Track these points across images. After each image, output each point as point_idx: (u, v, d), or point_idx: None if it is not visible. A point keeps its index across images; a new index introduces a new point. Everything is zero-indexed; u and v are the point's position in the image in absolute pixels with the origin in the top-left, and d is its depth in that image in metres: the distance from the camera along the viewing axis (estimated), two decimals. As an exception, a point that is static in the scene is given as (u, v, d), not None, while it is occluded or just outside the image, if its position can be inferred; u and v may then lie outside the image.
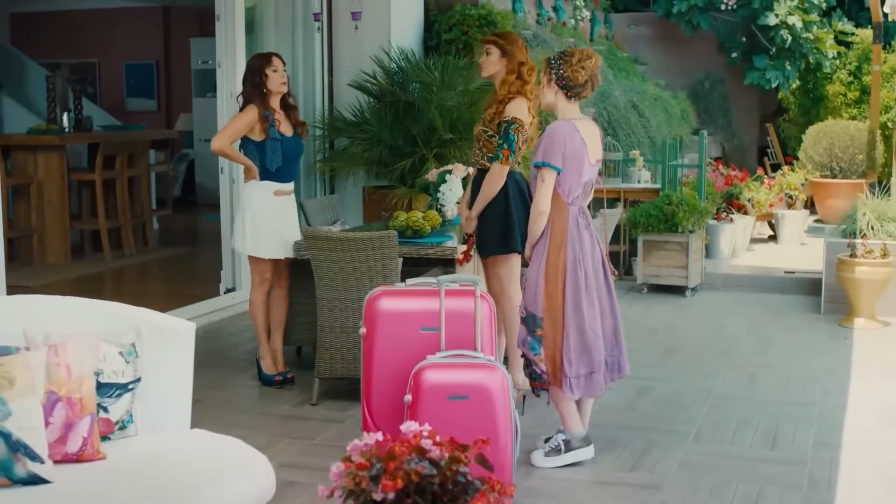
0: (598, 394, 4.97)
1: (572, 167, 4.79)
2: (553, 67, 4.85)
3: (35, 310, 3.72)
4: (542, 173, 4.78)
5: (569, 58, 4.83)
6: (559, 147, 4.75)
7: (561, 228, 4.80)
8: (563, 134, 4.78)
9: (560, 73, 4.82)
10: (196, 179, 16.02)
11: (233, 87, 8.37)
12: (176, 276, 10.16)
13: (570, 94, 4.85)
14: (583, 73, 4.80)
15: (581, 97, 4.89)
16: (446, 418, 4.26)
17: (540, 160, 4.78)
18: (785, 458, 5.07)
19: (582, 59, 4.81)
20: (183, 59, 16.17)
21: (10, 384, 3.25)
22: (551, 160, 4.75)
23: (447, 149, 8.56)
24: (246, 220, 6.20)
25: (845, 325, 7.91)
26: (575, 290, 4.79)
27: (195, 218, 14.35)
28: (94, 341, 3.55)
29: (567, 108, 4.88)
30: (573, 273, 4.79)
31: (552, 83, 4.86)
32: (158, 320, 3.83)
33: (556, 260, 4.79)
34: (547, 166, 4.75)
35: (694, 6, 14.04)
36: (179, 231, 13.13)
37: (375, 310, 4.62)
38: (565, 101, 4.87)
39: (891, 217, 8.32)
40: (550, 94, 4.89)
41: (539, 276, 4.80)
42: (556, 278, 4.78)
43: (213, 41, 15.70)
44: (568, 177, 4.79)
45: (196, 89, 16.00)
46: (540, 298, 4.80)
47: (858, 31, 14.19)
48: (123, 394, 3.65)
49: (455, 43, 9.90)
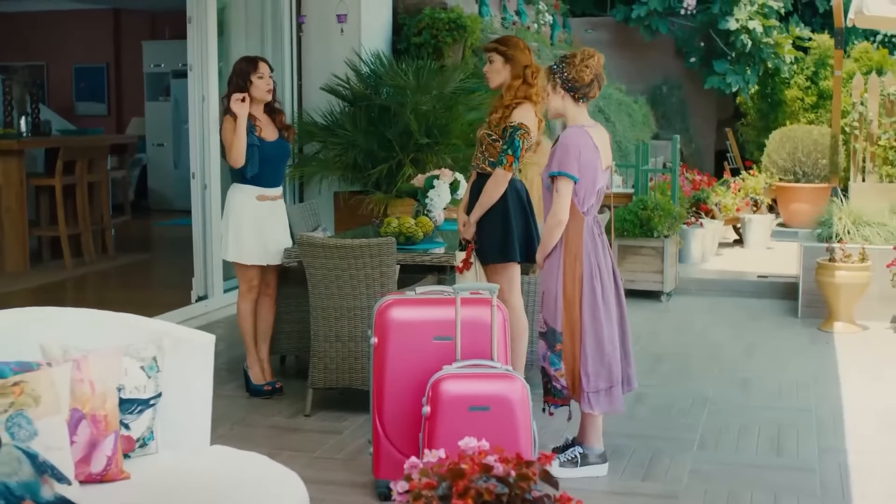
0: (620, 410, 4.89)
1: (587, 175, 4.70)
2: (556, 72, 4.77)
3: (49, 322, 3.55)
4: (557, 183, 4.68)
5: (571, 59, 4.75)
6: (574, 155, 4.66)
7: (576, 238, 4.71)
8: (577, 142, 4.69)
9: (564, 75, 4.74)
10: (149, 184, 15.74)
11: (205, 91, 8.19)
12: (142, 283, 9.94)
13: (577, 97, 4.77)
14: (587, 73, 4.72)
15: (589, 98, 4.81)
16: (466, 430, 4.11)
17: (556, 170, 4.68)
18: (793, 465, 5.04)
19: (584, 58, 4.73)
20: (134, 63, 15.87)
21: (36, 402, 3.09)
22: (568, 169, 4.66)
23: (424, 153, 8.44)
24: (230, 226, 6.04)
25: (825, 329, 7.93)
26: (592, 301, 4.71)
27: (150, 223, 14.10)
28: (117, 355, 3.40)
29: (576, 113, 4.80)
30: (590, 284, 4.71)
31: (558, 88, 4.77)
32: (178, 333, 3.68)
33: (572, 271, 4.70)
34: (564, 176, 4.66)
35: (653, 11, 14.07)
36: (136, 237, 12.86)
37: (387, 319, 4.49)
38: (573, 104, 4.79)
39: (866, 221, 8.37)
40: (557, 100, 4.80)
41: (558, 290, 4.70)
42: (574, 290, 4.70)
43: (165, 44, 15.66)
44: (583, 185, 4.70)
45: (148, 93, 15.72)
46: (559, 312, 4.71)
47: (815, 36, 14.32)
48: (145, 410, 3.50)
49: (425, 47, 9.81)
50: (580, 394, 4.76)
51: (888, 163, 13.29)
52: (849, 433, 5.51)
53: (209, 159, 8.29)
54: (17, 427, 3.05)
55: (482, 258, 5.37)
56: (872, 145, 13.48)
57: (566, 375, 4.75)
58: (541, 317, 4.84)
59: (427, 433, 4.20)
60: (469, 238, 5.40)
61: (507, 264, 5.39)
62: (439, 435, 4.18)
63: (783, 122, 13.93)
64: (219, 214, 8.38)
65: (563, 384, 4.76)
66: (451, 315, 4.44)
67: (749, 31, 13.15)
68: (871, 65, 14.10)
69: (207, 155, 8.29)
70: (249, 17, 9.10)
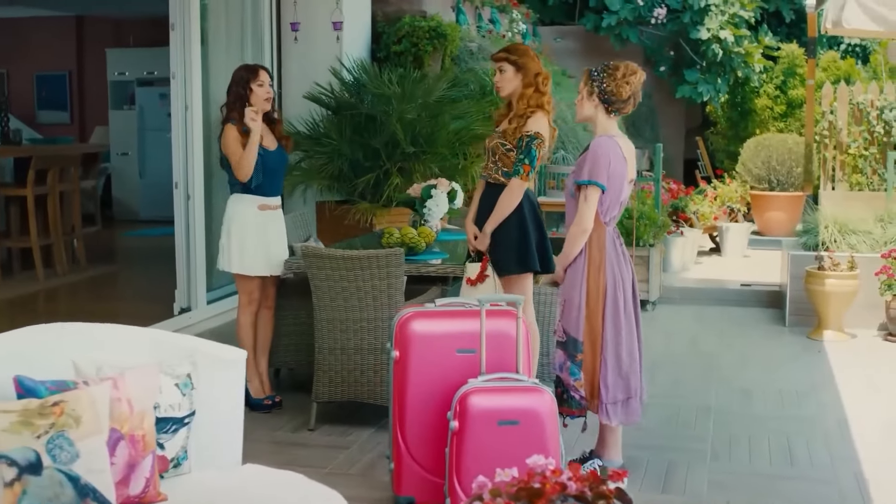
0: (637, 421, 4.84)
1: (614, 185, 4.65)
2: (596, 80, 4.70)
3: (79, 338, 3.42)
4: (586, 191, 4.62)
5: (613, 71, 4.68)
6: (604, 165, 4.61)
7: (599, 249, 4.66)
8: (607, 151, 4.64)
9: (603, 86, 4.68)
10: (113, 194, 15.49)
11: (189, 99, 8.05)
12: (118, 295, 9.76)
13: (610, 109, 4.71)
14: (627, 89, 4.67)
15: (621, 113, 4.76)
16: (496, 445, 4.09)
17: (585, 178, 4.62)
18: (809, 476, 5.01)
19: (627, 73, 4.67)
20: (98, 71, 15.64)
21: (77, 423, 2.97)
22: (598, 178, 4.60)
23: (410, 163, 8.37)
24: (232, 236, 5.92)
25: (814, 337, 7.94)
26: (615, 312, 4.66)
27: (117, 234, 13.88)
28: (154, 373, 3.29)
29: (606, 124, 4.75)
30: (613, 295, 4.66)
31: (594, 96, 4.71)
32: (210, 349, 3.58)
33: (596, 281, 4.64)
34: (593, 184, 4.60)
35: (624, 20, 14.10)
36: (105, 248, 12.64)
37: (409, 332, 4.41)
38: (605, 115, 4.74)
39: (852, 229, 8.40)
40: (590, 107, 4.74)
41: (581, 299, 4.64)
42: (597, 300, 4.64)
43: (129, 52, 15.44)
44: (609, 195, 4.65)
45: (112, 101, 15.50)
46: (581, 322, 4.64)
47: (784, 45, 14.43)
48: (179, 429, 3.39)
49: (405, 55, 9.73)
50: (598, 405, 4.71)
51: (858, 171, 13.42)
52: (857, 442, 5.50)
53: (193, 169, 8.15)
54: (59, 449, 2.92)
55: (499, 269, 5.27)
56: (842, 154, 13.61)
57: (585, 386, 4.69)
58: (559, 326, 4.78)
59: (455, 448, 4.12)
60: (484, 249, 5.29)
61: (521, 275, 5.30)
62: (468, 450, 4.10)
63: (753, 130, 14.01)
64: (203, 225, 8.27)
65: (581, 394, 4.70)
66: (474, 327, 4.36)
67: (720, 40, 13.22)
68: (839, 74, 14.22)
69: (191, 164, 8.15)
70: (230, 25, 8.97)
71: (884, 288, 7.79)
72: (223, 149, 5.84)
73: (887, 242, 8.30)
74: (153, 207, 14.95)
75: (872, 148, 13.51)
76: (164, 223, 14.22)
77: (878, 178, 13.39)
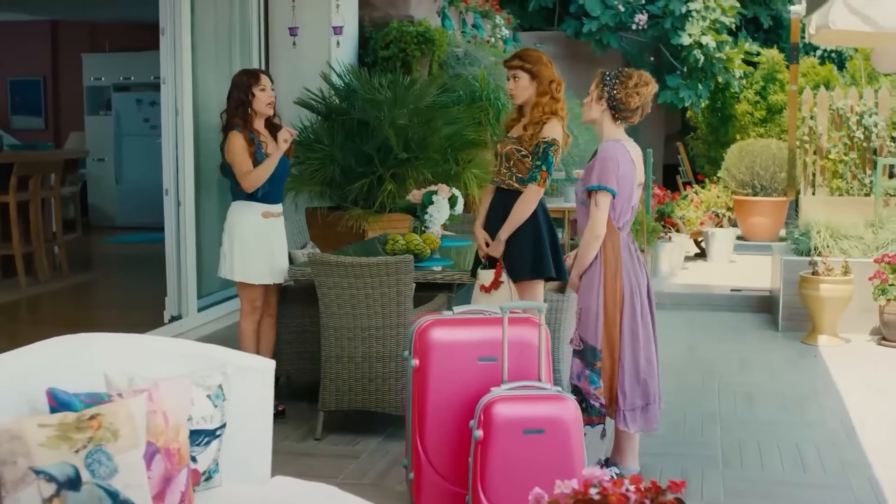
0: (655, 428, 4.81)
1: (624, 189, 4.63)
2: (607, 85, 4.68)
3: (107, 349, 3.34)
4: (596, 197, 4.59)
5: (626, 80, 4.65)
6: (613, 169, 4.59)
7: (614, 255, 4.63)
8: (615, 155, 4.61)
9: (613, 93, 4.65)
10: (89, 200, 15.32)
11: (180, 104, 7.94)
12: (104, 302, 9.62)
13: (617, 117, 4.70)
14: (636, 99, 4.65)
15: (627, 122, 4.74)
16: (521, 454, 4.05)
17: (595, 184, 4.60)
18: (823, 482, 5.00)
19: (639, 84, 4.65)
20: (73, 76, 15.46)
21: (115, 437, 2.89)
22: (608, 183, 4.57)
23: (403, 168, 8.30)
24: (234, 244, 5.85)
25: (808, 342, 7.96)
26: (632, 318, 4.63)
27: (95, 241, 13.72)
28: (186, 384, 3.21)
29: (612, 129, 4.73)
30: (630, 301, 4.63)
31: (602, 100, 4.69)
32: (240, 359, 3.50)
33: (613, 288, 4.61)
34: (603, 190, 4.57)
35: (605, 26, 14.11)
36: (86, 255, 12.49)
37: (428, 340, 4.35)
38: (611, 121, 4.72)
39: (843, 234, 8.43)
40: (597, 111, 4.72)
41: (599, 306, 4.60)
42: (615, 307, 4.61)
43: (105, 57, 15.29)
44: (620, 200, 4.63)
45: (88, 107, 15.33)
46: (600, 329, 4.61)
47: (764, 51, 14.50)
48: (211, 441, 3.31)
49: (393, 60, 9.67)
50: (616, 412, 4.68)
51: (838, 176, 13.49)
52: (866, 447, 5.50)
53: (184, 175, 8.04)
54: (98, 464, 2.85)
55: (512, 276, 5.22)
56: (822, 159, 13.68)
57: (604, 393, 4.66)
58: (576, 335, 4.74)
59: (480, 458, 4.06)
60: (498, 256, 5.24)
61: (533, 281, 5.26)
62: (493, 459, 4.05)
63: (733, 136, 14.06)
64: (194, 231, 8.17)
65: (601, 402, 4.66)
66: (495, 335, 4.32)
67: (702, 45, 13.25)
68: (818, 80, 14.31)
69: (182, 170, 8.04)
70: (218, 29, 8.87)
71: (878, 293, 7.82)
72: (228, 157, 5.76)
73: (878, 247, 8.33)
74: (130, 214, 14.83)
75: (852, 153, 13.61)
76: (141, 229, 14.19)
77: (858, 183, 13.48)
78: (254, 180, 5.72)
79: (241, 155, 5.70)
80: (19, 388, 2.98)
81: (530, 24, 15.45)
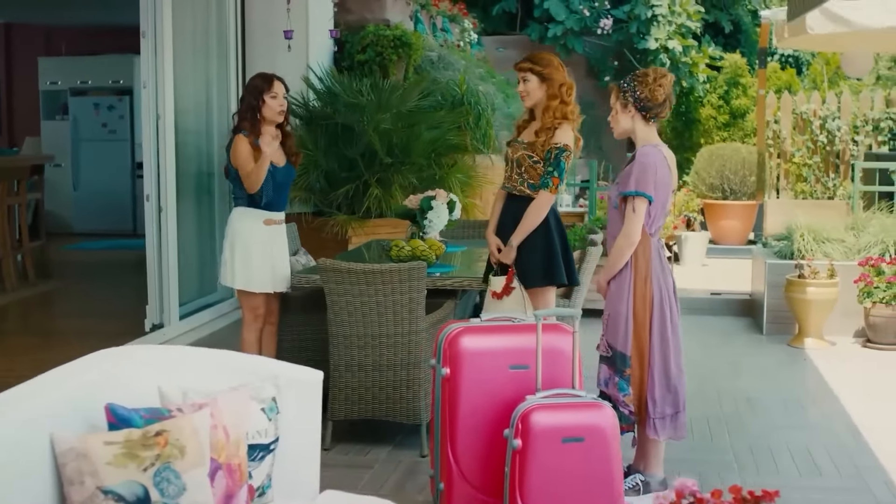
0: (684, 436, 4.78)
1: (661, 195, 4.60)
2: (628, 91, 4.65)
3: (153, 362, 3.23)
4: (634, 203, 4.55)
5: (643, 78, 4.63)
6: (651, 175, 4.55)
7: (644, 260, 4.59)
8: (654, 160, 4.58)
9: (637, 94, 4.62)
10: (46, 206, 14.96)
11: (161, 109, 7.77)
12: (78, 311, 9.38)
13: (648, 116, 4.66)
14: (661, 92, 4.62)
15: (660, 118, 4.71)
16: (560, 463, 3.98)
17: (632, 189, 4.55)
18: (843, 486, 5.01)
19: (658, 77, 4.63)
20: (29, 80, 15.12)
21: (182, 453, 2.79)
22: (646, 189, 4.54)
23: (389, 173, 8.22)
24: (236, 252, 5.73)
25: (795, 345, 8.00)
26: (661, 325, 4.60)
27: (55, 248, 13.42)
28: (245, 397, 3.11)
29: (646, 132, 4.69)
30: (660, 307, 4.59)
31: (629, 107, 4.65)
32: (291, 371, 3.41)
33: (643, 294, 4.57)
34: (641, 195, 4.54)
35: (570, 30, 14.12)
36: (48, 262, 12.21)
37: (459, 349, 4.28)
38: (643, 124, 4.68)
39: (825, 237, 8.49)
40: (627, 120, 4.68)
41: (629, 313, 4.56)
42: (644, 313, 4.57)
43: (62, 60, 15.01)
44: (656, 206, 4.60)
45: (44, 111, 15.01)
46: (630, 336, 4.57)
47: (727, 56, 14.61)
48: (266, 456, 3.22)
49: (369, 64, 9.58)
50: (646, 419, 4.64)
51: (801, 179, 13.65)
52: (876, 450, 5.52)
53: (166, 181, 7.87)
54: (166, 482, 2.75)
55: (525, 282, 5.17)
56: (786, 162, 13.84)
57: (633, 400, 4.62)
58: (603, 341, 4.70)
59: (518, 468, 3.99)
60: (510, 262, 5.18)
61: (545, 288, 5.22)
62: (532, 469, 3.98)
63: (697, 140, 14.16)
64: (176, 238, 8.01)
65: (631, 409, 4.62)
66: (525, 343, 4.26)
67: (668, 50, 13.31)
68: (780, 84, 14.46)
69: (164, 176, 7.87)
70: (196, 34, 8.71)
71: (863, 295, 7.88)
72: (232, 160, 5.65)
73: (860, 250, 8.40)
74: (87, 220, 14.57)
75: (816, 157, 13.78)
76: (100, 236, 13.94)
77: (821, 187, 13.65)
78: (252, 183, 5.62)
79: (244, 158, 5.61)
80: (75, 405, 2.87)
81: (493, 28, 15.44)
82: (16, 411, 2.67)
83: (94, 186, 14.64)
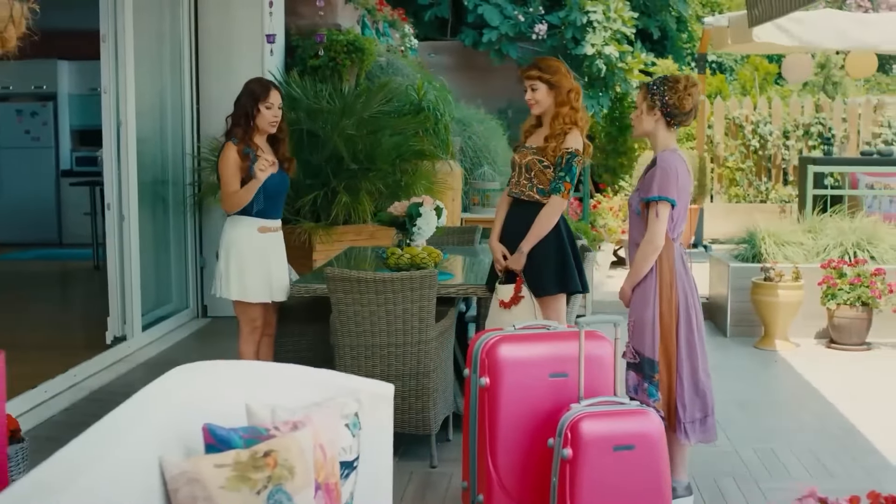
0: (714, 440, 4.77)
1: (682, 199, 4.59)
2: (657, 94, 4.62)
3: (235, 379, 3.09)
4: (657, 208, 4.52)
5: (675, 84, 4.61)
6: (673, 179, 4.53)
7: (668, 265, 4.57)
8: (675, 165, 4.56)
9: (665, 100, 4.60)
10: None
11: (123, 115, 7.54)
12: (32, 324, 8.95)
13: (672, 123, 4.64)
14: (689, 101, 4.61)
15: (683, 126, 4.70)
16: (611, 471, 3.93)
17: (655, 194, 4.53)
18: (857, 488, 5.00)
19: (688, 86, 4.61)
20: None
21: (291, 474, 2.67)
22: (668, 194, 4.51)
23: (356, 180, 8.09)
24: (231, 261, 5.56)
25: (762, 347, 8.08)
26: (688, 329, 4.58)
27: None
28: (335, 414, 2.99)
29: (666, 137, 4.67)
30: (686, 312, 4.58)
31: (655, 110, 4.62)
32: (367, 385, 3.30)
33: (668, 299, 4.55)
34: (664, 200, 4.51)
35: (504, 35, 14.13)
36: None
37: (498, 358, 4.20)
38: (665, 129, 4.66)
39: (785, 240, 8.61)
40: (650, 122, 4.66)
41: (655, 318, 4.54)
42: (671, 318, 4.55)
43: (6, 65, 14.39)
44: (678, 211, 4.58)
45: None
46: (656, 341, 4.54)
47: (660, 61, 14.77)
48: (350, 473, 3.10)
49: (322, 69, 9.43)
50: (676, 424, 4.62)
51: (735, 184, 13.86)
52: (879, 449, 5.59)
53: (128, 188, 7.64)
54: (279, 505, 2.62)
55: (536, 290, 5.10)
56: (720, 167, 14.04)
57: (662, 406, 4.59)
58: (629, 347, 4.67)
59: (569, 477, 3.92)
60: (519, 270, 5.11)
61: (555, 296, 5.16)
62: (583, 478, 3.91)
63: (631, 145, 14.28)
64: (139, 247, 7.78)
65: (661, 415, 4.59)
66: (563, 350, 4.22)
67: (604, 55, 13.40)
68: (710, 90, 14.67)
69: (126, 184, 7.63)
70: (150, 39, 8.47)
71: (826, 297, 8.00)
72: (219, 169, 5.48)
73: (818, 253, 8.53)
74: (11, 230, 14.06)
75: (748, 161, 14.02)
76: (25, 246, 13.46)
77: (753, 191, 13.88)
78: (233, 204, 5.47)
79: (230, 170, 5.43)
80: (169, 426, 2.73)
81: (425, 34, 15.36)
82: (129, 434, 2.51)
83: (17, 195, 14.16)
